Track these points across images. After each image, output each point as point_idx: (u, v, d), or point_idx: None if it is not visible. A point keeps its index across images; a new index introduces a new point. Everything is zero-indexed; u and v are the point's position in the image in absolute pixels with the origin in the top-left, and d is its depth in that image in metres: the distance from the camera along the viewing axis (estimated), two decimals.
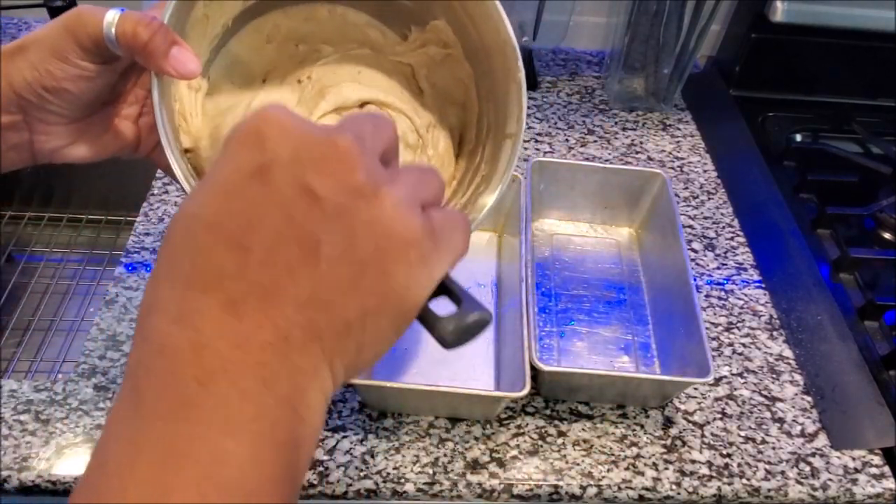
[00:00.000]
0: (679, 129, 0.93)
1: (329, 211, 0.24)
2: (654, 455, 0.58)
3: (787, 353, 0.67)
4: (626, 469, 0.57)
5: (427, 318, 0.28)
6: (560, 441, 0.58)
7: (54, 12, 0.83)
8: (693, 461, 0.58)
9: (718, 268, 0.74)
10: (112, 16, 0.38)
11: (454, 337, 0.28)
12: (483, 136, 0.55)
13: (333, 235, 0.24)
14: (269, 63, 0.54)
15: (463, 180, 0.55)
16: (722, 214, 0.81)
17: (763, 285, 0.73)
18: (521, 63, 0.49)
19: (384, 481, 0.54)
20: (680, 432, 0.60)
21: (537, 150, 0.87)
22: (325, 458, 0.55)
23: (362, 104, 0.53)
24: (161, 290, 0.24)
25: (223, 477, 0.22)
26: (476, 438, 0.58)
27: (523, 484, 0.55)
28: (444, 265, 0.27)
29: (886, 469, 0.58)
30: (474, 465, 0.56)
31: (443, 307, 0.28)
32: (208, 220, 0.24)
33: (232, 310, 0.23)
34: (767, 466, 0.58)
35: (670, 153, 0.89)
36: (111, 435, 0.23)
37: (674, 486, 0.56)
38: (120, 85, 0.45)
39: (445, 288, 0.28)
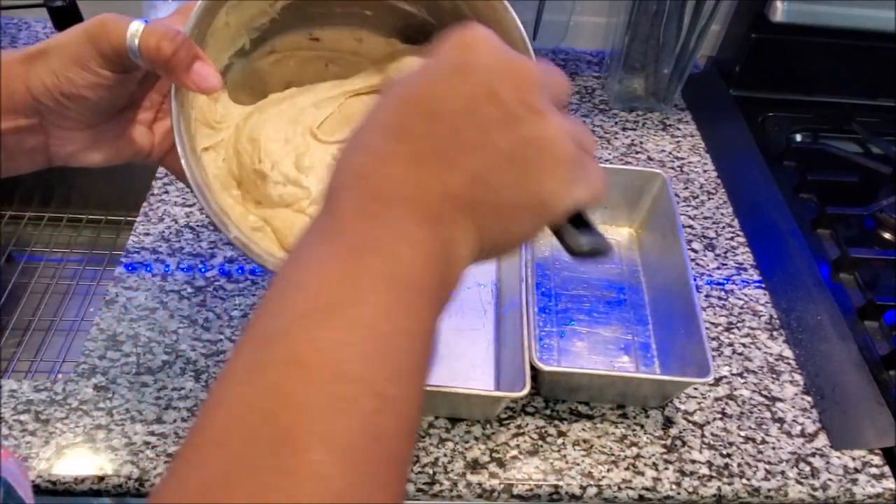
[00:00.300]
0: (679, 129, 0.93)
1: (506, 113, 0.29)
2: (654, 455, 0.58)
3: (787, 353, 0.67)
4: (626, 469, 0.57)
5: (563, 231, 0.33)
6: (560, 441, 0.58)
7: (54, 12, 0.83)
8: (693, 461, 0.58)
9: (718, 268, 0.74)
10: (136, 27, 0.38)
11: (585, 249, 0.33)
12: None
13: (505, 133, 0.29)
14: (291, 75, 0.54)
15: None
16: (722, 214, 0.81)
17: (763, 285, 0.73)
18: (531, 49, 0.48)
19: None
20: (680, 432, 0.60)
21: None
22: None
23: None
24: (366, 135, 0.30)
25: (399, 272, 0.27)
26: (476, 438, 0.58)
27: (523, 484, 0.55)
28: (584, 192, 0.31)
29: (886, 469, 0.58)
30: (474, 465, 0.56)
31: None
32: (413, 93, 0.30)
33: (418, 161, 0.28)
34: (767, 466, 0.58)
35: (670, 153, 0.89)
36: (310, 236, 0.29)
37: (674, 486, 0.56)
38: (136, 91, 0.45)
39: (581, 218, 0.33)
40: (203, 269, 0.69)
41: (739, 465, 0.58)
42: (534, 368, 0.55)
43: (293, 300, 0.26)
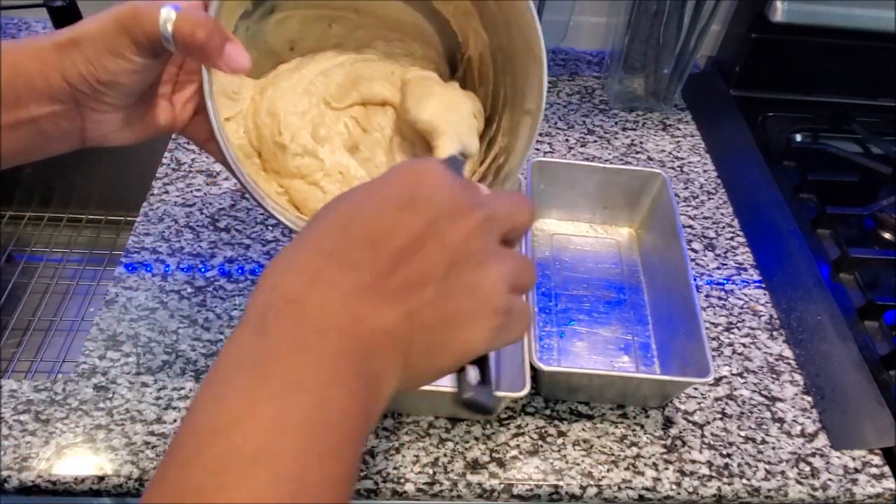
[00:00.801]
0: (679, 129, 0.93)
1: (449, 257, 0.30)
2: (654, 455, 0.58)
3: (787, 353, 0.67)
4: (626, 469, 0.57)
5: (460, 372, 0.33)
6: (560, 441, 0.58)
7: (54, 12, 0.83)
8: (693, 461, 0.58)
9: (718, 268, 0.74)
10: (167, 13, 0.38)
11: (468, 403, 0.33)
12: (499, 106, 0.56)
13: (445, 277, 0.29)
14: (294, 34, 0.55)
15: (481, 147, 0.56)
16: (722, 214, 0.81)
17: (763, 285, 0.73)
18: (542, 42, 0.49)
19: (384, 481, 0.54)
20: (680, 432, 0.60)
21: (537, 150, 0.87)
22: None
23: (384, 103, 0.55)
24: (302, 255, 0.29)
25: (328, 416, 0.27)
26: (476, 438, 0.58)
27: (523, 484, 0.55)
28: (504, 342, 0.32)
29: (886, 469, 0.58)
30: (474, 465, 0.56)
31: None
32: (360, 221, 0.29)
33: (357, 292, 0.28)
34: (767, 466, 0.58)
35: (670, 153, 0.89)
36: (233, 363, 0.28)
37: (674, 486, 0.56)
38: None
39: (484, 361, 0.34)
40: (203, 269, 0.69)
41: (739, 465, 0.58)
42: (534, 368, 0.55)
43: (213, 445, 0.25)
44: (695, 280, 0.69)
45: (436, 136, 0.49)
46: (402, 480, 0.55)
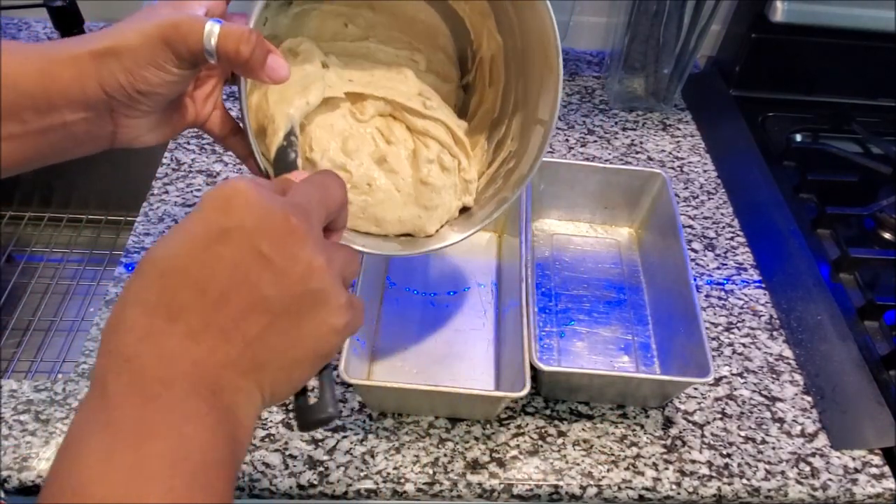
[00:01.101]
0: (679, 129, 0.93)
1: (277, 274, 0.30)
2: (654, 455, 0.58)
3: (787, 353, 0.67)
4: (626, 469, 0.57)
5: (301, 391, 0.34)
6: (560, 441, 0.58)
7: (54, 12, 0.83)
8: (693, 461, 0.58)
9: (718, 268, 0.74)
10: (210, 28, 0.39)
11: (304, 424, 0.34)
12: (509, 108, 0.56)
13: (279, 293, 0.30)
14: (312, 31, 0.54)
15: (488, 149, 0.56)
16: (722, 214, 0.81)
17: (763, 285, 0.73)
18: (560, 53, 0.50)
19: (384, 481, 0.54)
20: (680, 432, 0.60)
21: None
22: (326, 458, 0.55)
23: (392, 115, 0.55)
24: (128, 313, 0.29)
25: (186, 453, 0.27)
26: (476, 438, 0.58)
27: (523, 484, 0.55)
28: (352, 330, 0.33)
29: (886, 469, 0.58)
30: (474, 465, 0.56)
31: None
32: (177, 265, 0.29)
33: (192, 337, 0.28)
34: (767, 466, 0.58)
35: (670, 153, 0.89)
36: (83, 427, 0.27)
37: (674, 486, 0.56)
38: None
39: (324, 368, 0.35)
40: None
41: (739, 465, 0.58)
42: (534, 368, 0.55)
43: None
44: (695, 280, 0.69)
45: (269, 128, 0.47)
46: (402, 480, 0.55)
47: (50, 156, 0.42)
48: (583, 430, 0.59)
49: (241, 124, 0.46)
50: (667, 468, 0.57)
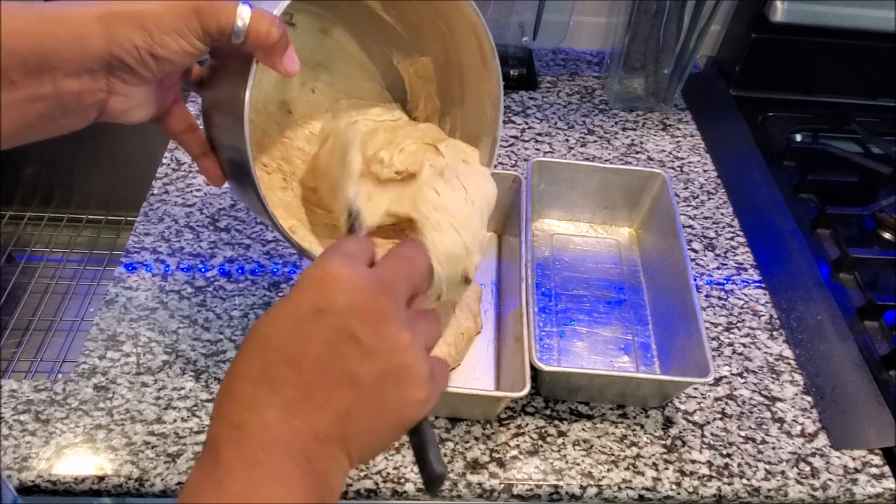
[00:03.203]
0: (679, 129, 0.93)
1: (365, 352, 0.32)
2: (654, 455, 0.58)
3: (787, 353, 0.67)
4: (626, 469, 0.57)
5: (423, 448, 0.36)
6: (560, 441, 0.58)
7: None
8: (693, 461, 0.58)
9: (718, 268, 0.74)
10: (242, 9, 0.40)
11: (440, 479, 0.36)
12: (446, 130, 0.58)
13: (367, 370, 0.32)
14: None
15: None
16: (722, 214, 0.81)
17: (763, 285, 0.73)
18: (496, 57, 0.52)
19: (384, 481, 0.54)
20: (680, 432, 0.60)
21: (537, 150, 0.87)
22: None
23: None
24: (237, 384, 0.32)
25: None
26: (476, 438, 0.58)
27: (523, 484, 0.55)
28: (434, 401, 0.35)
29: (886, 469, 0.58)
30: (474, 465, 0.56)
31: None
32: (276, 341, 0.32)
33: (288, 409, 0.31)
34: (767, 466, 0.58)
35: (670, 153, 0.89)
36: (197, 485, 0.31)
37: (674, 486, 0.56)
38: None
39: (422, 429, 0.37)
40: (203, 269, 0.69)
41: (739, 465, 0.58)
42: (534, 368, 0.55)
43: None
44: (695, 280, 0.69)
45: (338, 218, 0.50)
46: (402, 480, 0.55)
47: (37, 127, 0.41)
48: (583, 430, 0.59)
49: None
50: (667, 468, 0.57)
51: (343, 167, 0.49)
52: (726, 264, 0.75)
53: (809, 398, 0.63)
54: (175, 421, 0.57)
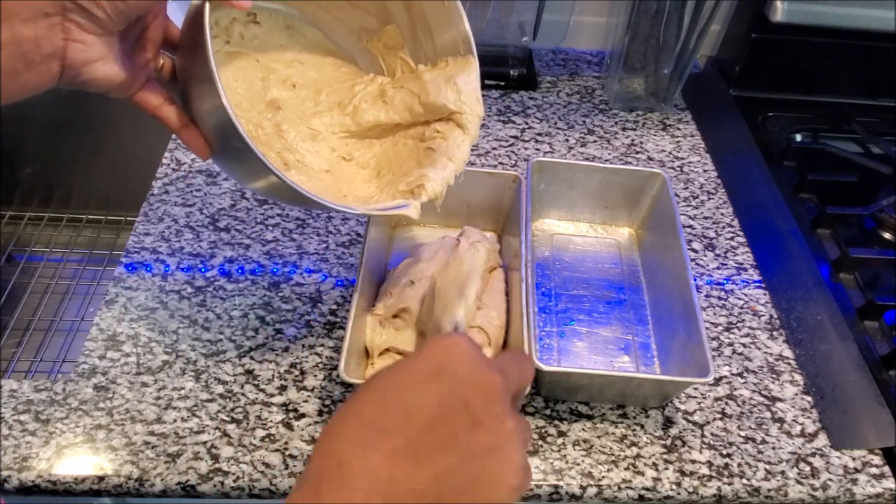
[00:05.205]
0: (679, 129, 0.93)
1: (474, 422, 0.33)
2: (654, 455, 0.58)
3: (787, 353, 0.67)
4: (626, 469, 0.57)
5: None
6: (560, 441, 0.58)
7: None
8: (693, 461, 0.58)
9: (718, 268, 0.74)
10: None
11: None
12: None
13: (471, 439, 0.33)
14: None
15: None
16: (722, 214, 0.81)
17: (763, 285, 0.73)
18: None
19: None
20: (680, 432, 0.60)
21: (537, 150, 0.87)
22: None
23: None
24: (349, 422, 0.34)
25: None
26: None
27: None
28: (519, 495, 0.35)
29: (886, 469, 0.58)
30: None
31: None
32: (394, 390, 0.34)
33: (394, 456, 0.32)
34: (767, 466, 0.58)
35: (670, 153, 0.89)
36: None
37: (674, 486, 0.56)
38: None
39: None
40: (203, 269, 0.69)
41: (739, 465, 0.58)
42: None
43: None
44: (695, 280, 0.69)
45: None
46: None
47: (3, 83, 0.41)
48: (583, 430, 0.59)
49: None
50: (667, 468, 0.57)
51: (458, 295, 0.53)
52: (726, 264, 0.75)
53: (809, 398, 0.63)
54: (175, 421, 0.57)
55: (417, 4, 0.55)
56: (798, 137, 0.92)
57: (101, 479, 0.53)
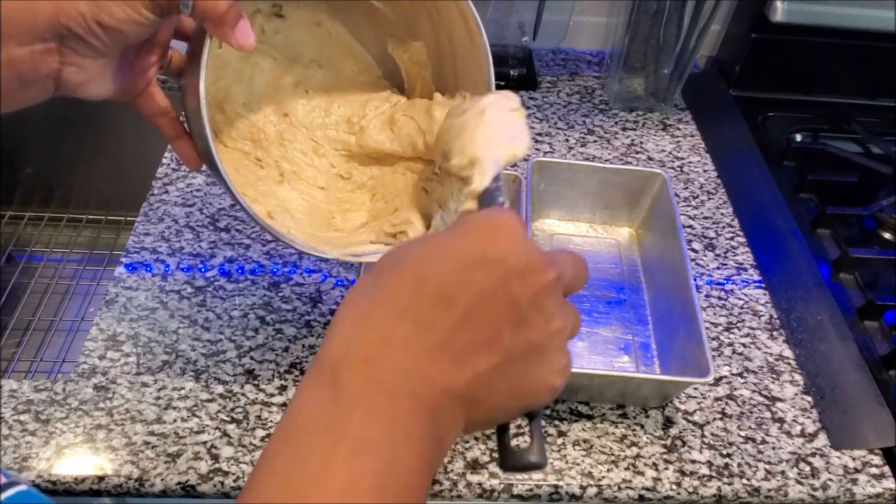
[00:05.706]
0: (679, 129, 0.93)
1: (519, 319, 0.30)
2: (654, 455, 0.58)
3: (787, 353, 0.67)
4: (626, 469, 0.57)
5: (505, 436, 0.34)
6: (560, 441, 0.58)
7: None
8: (693, 461, 0.58)
9: (718, 268, 0.74)
10: None
11: (510, 465, 0.33)
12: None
13: (517, 339, 0.30)
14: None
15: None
16: (722, 214, 0.81)
17: (763, 285, 0.73)
18: (483, 34, 0.52)
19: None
20: (680, 432, 0.60)
21: (537, 150, 0.87)
22: None
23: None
24: (378, 310, 0.30)
25: (396, 476, 0.28)
26: (476, 438, 0.58)
27: (523, 484, 0.55)
28: (557, 394, 0.33)
29: (886, 469, 0.58)
30: (474, 465, 0.56)
31: None
32: (431, 277, 0.30)
33: (430, 353, 0.29)
34: (767, 466, 0.58)
35: (670, 153, 0.89)
36: (310, 416, 0.29)
37: (674, 486, 0.56)
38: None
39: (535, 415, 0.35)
40: (203, 269, 0.69)
41: (739, 465, 0.58)
42: None
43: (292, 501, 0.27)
44: (695, 280, 0.69)
45: (470, 169, 0.44)
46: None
47: None
48: (583, 430, 0.59)
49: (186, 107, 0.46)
50: (667, 468, 0.57)
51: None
52: (726, 264, 0.75)
53: (809, 398, 0.63)
54: (175, 421, 0.57)
55: (446, 31, 0.54)
56: (798, 137, 0.92)
57: (101, 479, 0.53)
